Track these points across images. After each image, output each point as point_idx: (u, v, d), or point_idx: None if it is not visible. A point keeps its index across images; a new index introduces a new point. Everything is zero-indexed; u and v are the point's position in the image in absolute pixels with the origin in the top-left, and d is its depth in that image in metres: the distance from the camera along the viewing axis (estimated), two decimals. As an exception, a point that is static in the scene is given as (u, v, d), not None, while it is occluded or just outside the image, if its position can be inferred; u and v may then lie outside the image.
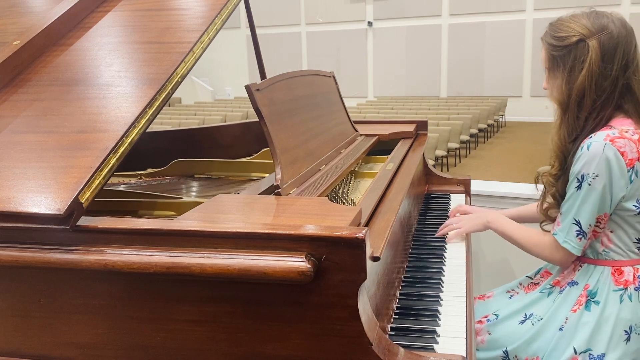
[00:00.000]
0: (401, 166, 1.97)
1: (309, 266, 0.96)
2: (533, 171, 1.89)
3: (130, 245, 1.06)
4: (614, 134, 1.44)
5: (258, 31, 2.35)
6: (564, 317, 1.54)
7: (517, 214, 1.97)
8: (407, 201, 1.79)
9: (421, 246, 1.88)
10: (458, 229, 1.87)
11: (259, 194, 1.43)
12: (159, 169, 2.27)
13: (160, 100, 1.31)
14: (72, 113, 1.31)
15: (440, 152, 8.53)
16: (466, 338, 1.28)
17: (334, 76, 2.31)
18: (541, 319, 1.60)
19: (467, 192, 2.48)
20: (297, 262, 0.97)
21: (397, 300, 1.47)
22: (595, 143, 1.44)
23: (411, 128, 2.47)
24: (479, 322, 1.72)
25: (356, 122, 2.38)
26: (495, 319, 1.70)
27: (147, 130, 1.30)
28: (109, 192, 1.77)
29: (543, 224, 1.69)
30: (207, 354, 1.07)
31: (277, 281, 0.99)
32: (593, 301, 1.51)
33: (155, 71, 1.37)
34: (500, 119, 13.23)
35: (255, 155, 2.37)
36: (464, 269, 1.69)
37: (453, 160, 9.46)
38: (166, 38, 1.50)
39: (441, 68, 15.52)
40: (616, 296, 1.50)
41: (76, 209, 1.08)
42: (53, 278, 1.12)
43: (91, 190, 1.12)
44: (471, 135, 10.42)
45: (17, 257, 1.09)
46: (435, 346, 1.24)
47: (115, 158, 1.18)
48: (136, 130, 1.24)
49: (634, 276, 1.50)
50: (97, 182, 1.13)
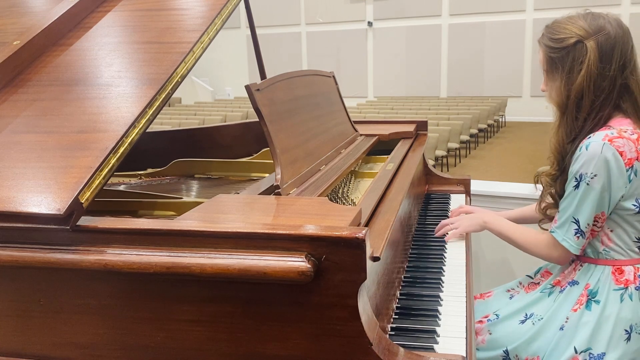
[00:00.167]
0: (401, 166, 1.97)
1: (309, 266, 0.96)
2: (533, 171, 1.89)
3: (130, 245, 1.06)
4: (613, 134, 1.44)
5: (258, 31, 2.35)
6: (565, 317, 1.55)
7: (518, 215, 1.98)
8: (407, 201, 1.79)
9: (421, 246, 1.88)
10: (455, 229, 1.87)
11: (259, 194, 1.43)
12: (159, 169, 2.27)
13: (160, 100, 1.31)
14: (72, 113, 1.31)
15: (440, 152, 8.53)
16: (466, 338, 1.28)
17: (334, 76, 2.31)
18: (542, 319, 1.60)
19: (467, 192, 2.48)
20: (297, 262, 0.97)
21: (397, 300, 1.47)
22: (593, 143, 1.44)
23: (411, 128, 2.47)
24: (479, 322, 1.72)
25: (356, 122, 2.38)
26: (495, 319, 1.70)
27: (147, 130, 1.30)
28: (109, 192, 1.77)
29: (541, 223, 1.70)
30: (207, 354, 1.07)
31: (277, 281, 0.99)
32: (594, 301, 1.52)
33: (155, 71, 1.37)
34: (500, 119, 13.23)
35: (255, 155, 2.37)
36: (464, 269, 1.69)
37: (453, 160, 9.46)
38: (166, 38, 1.50)
39: (441, 68, 15.52)
40: (617, 295, 1.50)
41: (76, 209, 1.08)
42: (53, 278, 1.12)
43: (91, 190, 1.12)
44: (471, 135, 10.42)
45: (17, 257, 1.09)
46: (435, 346, 1.24)
47: (115, 158, 1.18)
48: (136, 130, 1.24)
49: (635, 275, 1.51)
50: (97, 182, 1.13)
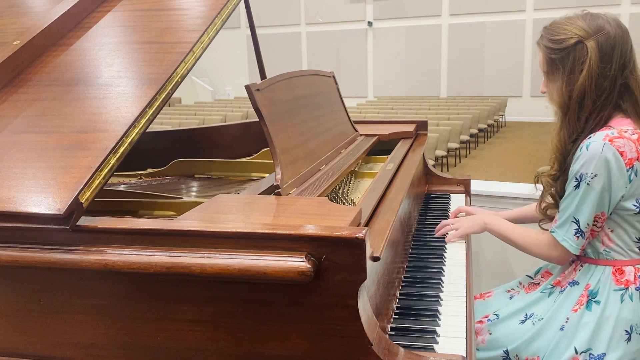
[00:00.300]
0: (401, 166, 1.97)
1: (309, 266, 0.96)
2: (533, 171, 1.89)
3: (130, 245, 1.06)
4: (613, 134, 1.44)
5: (258, 31, 2.35)
6: (565, 317, 1.54)
7: (518, 215, 1.98)
8: (407, 201, 1.79)
9: (421, 246, 1.88)
10: (455, 230, 1.87)
11: (259, 194, 1.43)
12: (159, 169, 2.27)
13: (160, 100, 1.31)
14: (72, 113, 1.31)
15: (440, 152, 8.53)
16: (466, 338, 1.28)
17: (334, 76, 2.31)
18: (542, 319, 1.60)
19: (467, 192, 2.48)
20: (297, 262, 0.97)
21: (397, 300, 1.47)
22: (594, 143, 1.44)
23: (411, 128, 2.47)
24: (479, 322, 1.72)
25: (356, 122, 2.38)
26: (495, 319, 1.70)
27: (147, 130, 1.30)
28: (109, 192, 1.77)
29: (541, 223, 1.70)
30: (207, 354, 1.07)
31: (277, 281, 0.99)
32: (594, 301, 1.51)
33: (155, 71, 1.37)
34: (500, 119, 13.23)
35: (255, 155, 2.37)
36: (464, 269, 1.69)
37: (453, 160, 9.46)
38: (166, 38, 1.50)
39: (441, 68, 15.51)
40: (617, 296, 1.50)
41: (76, 209, 1.08)
42: (53, 278, 1.12)
43: (91, 190, 1.12)
44: (471, 135, 10.42)
45: (17, 257, 1.09)
46: (435, 346, 1.24)
47: (115, 158, 1.18)
48: (136, 130, 1.24)
49: (635, 276, 1.50)
50: (97, 182, 1.13)
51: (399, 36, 15.76)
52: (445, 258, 1.77)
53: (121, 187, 2.02)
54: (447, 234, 1.91)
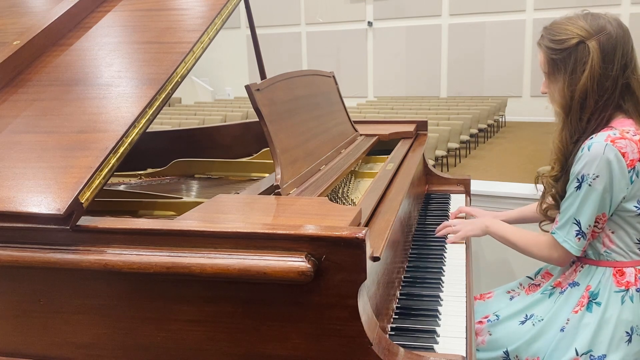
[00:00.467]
0: (401, 166, 1.97)
1: (309, 266, 0.96)
2: (533, 171, 1.89)
3: (130, 245, 1.06)
4: (615, 135, 1.44)
5: (258, 31, 2.35)
6: (565, 318, 1.54)
7: (518, 215, 1.98)
8: (407, 201, 1.79)
9: (421, 246, 1.88)
10: (456, 233, 1.87)
11: (259, 194, 1.43)
12: (159, 169, 2.27)
13: (160, 100, 1.31)
14: (72, 113, 1.31)
15: (440, 152, 8.52)
16: (466, 338, 1.28)
17: (334, 76, 2.31)
18: (542, 320, 1.59)
19: (467, 192, 2.48)
20: (297, 262, 0.97)
21: (397, 300, 1.47)
22: (596, 144, 1.44)
23: (411, 128, 2.47)
24: (479, 323, 1.72)
25: (356, 122, 2.38)
26: (495, 320, 1.70)
27: (147, 130, 1.30)
28: (109, 192, 1.77)
29: (542, 224, 1.70)
30: (207, 354, 1.07)
31: (277, 281, 0.99)
32: (594, 302, 1.51)
33: (155, 71, 1.37)
34: (500, 119, 13.22)
35: (255, 155, 2.37)
36: (464, 269, 1.69)
37: (453, 160, 9.46)
38: (166, 38, 1.50)
39: (441, 68, 15.51)
40: (617, 297, 1.49)
41: (76, 209, 1.08)
42: (53, 278, 1.12)
43: (91, 190, 1.12)
44: (471, 135, 10.42)
45: (17, 257, 1.09)
46: (435, 346, 1.24)
47: (115, 158, 1.18)
48: (136, 130, 1.24)
49: (635, 277, 1.50)
50: (97, 182, 1.13)
51: (399, 36, 15.76)
52: (445, 258, 1.77)
53: (121, 187, 2.02)
54: (448, 235, 1.91)
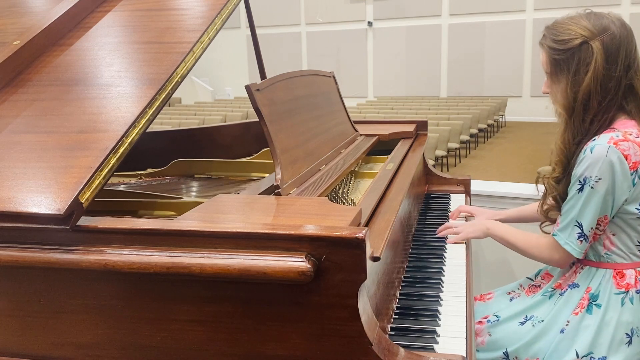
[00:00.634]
0: (401, 166, 1.97)
1: (309, 266, 0.96)
2: (533, 171, 1.90)
3: (130, 245, 1.06)
4: (618, 137, 1.42)
5: (258, 31, 2.35)
6: (565, 320, 1.54)
7: (517, 214, 1.98)
8: (407, 201, 1.79)
9: (421, 246, 1.88)
10: (458, 235, 1.87)
11: (259, 194, 1.43)
12: (159, 169, 2.27)
13: (160, 100, 1.31)
14: (72, 113, 1.31)
15: (440, 152, 8.53)
16: (466, 338, 1.28)
17: (334, 76, 2.31)
18: (542, 321, 1.59)
19: (467, 192, 2.48)
20: (297, 262, 0.97)
21: (397, 300, 1.47)
22: (599, 146, 1.42)
23: (411, 128, 2.47)
24: (479, 323, 1.71)
25: (356, 122, 2.38)
26: (495, 320, 1.69)
27: (147, 130, 1.30)
28: (109, 192, 1.77)
29: (543, 226, 1.69)
30: (207, 354, 1.07)
31: (277, 281, 0.99)
32: (595, 304, 1.51)
33: (155, 71, 1.37)
34: (500, 119, 13.22)
35: (255, 155, 2.37)
36: (464, 269, 1.69)
37: (453, 160, 9.46)
38: (166, 38, 1.50)
39: (441, 68, 15.51)
40: (617, 299, 1.49)
41: (76, 209, 1.08)
42: (53, 278, 1.12)
43: (91, 190, 1.12)
44: (471, 135, 10.42)
45: (17, 257, 1.09)
46: (435, 346, 1.24)
47: (115, 158, 1.18)
48: (136, 130, 1.24)
49: (636, 279, 1.50)
50: (97, 182, 1.13)
51: (399, 36, 15.76)
52: (445, 258, 1.77)
53: (121, 187, 2.02)
54: (449, 235, 1.91)
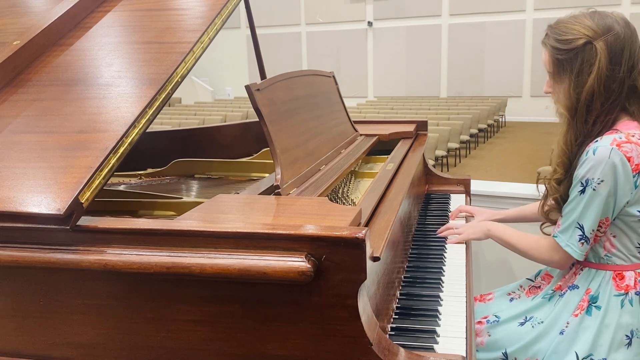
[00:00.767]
0: (401, 166, 1.97)
1: (309, 266, 0.96)
2: (533, 171, 1.90)
3: (130, 245, 1.06)
4: (621, 138, 1.41)
5: (258, 31, 2.35)
6: (565, 321, 1.54)
7: (517, 214, 1.97)
8: (407, 201, 1.79)
9: (421, 246, 1.88)
10: (458, 236, 1.87)
11: (259, 194, 1.43)
12: (159, 169, 2.27)
13: (160, 100, 1.31)
14: (72, 113, 1.31)
15: (440, 152, 8.53)
16: (466, 338, 1.28)
17: (334, 76, 2.31)
18: (542, 322, 1.59)
19: (467, 192, 2.48)
20: (297, 262, 0.97)
21: (397, 300, 1.47)
22: (601, 148, 1.41)
23: (411, 128, 2.47)
24: (479, 323, 1.71)
25: (356, 122, 2.38)
26: (495, 321, 1.69)
27: (147, 130, 1.30)
28: (109, 192, 1.77)
29: (543, 227, 1.68)
30: (207, 354, 1.07)
31: (277, 281, 0.99)
32: (594, 306, 1.50)
33: (155, 71, 1.37)
34: (500, 119, 13.23)
35: (255, 155, 2.37)
36: (464, 269, 1.69)
37: (453, 160, 9.46)
38: (166, 38, 1.50)
39: (441, 68, 15.52)
40: (617, 301, 1.49)
41: (76, 209, 1.08)
42: (53, 278, 1.12)
43: (91, 190, 1.12)
44: (471, 135, 10.42)
45: (17, 257, 1.09)
46: (435, 346, 1.24)
47: (115, 158, 1.18)
48: (136, 130, 1.24)
49: (635, 281, 1.49)
50: (97, 182, 1.13)
51: (399, 36, 15.76)
52: (445, 258, 1.77)
53: (121, 187, 2.02)
54: (449, 236, 1.91)
